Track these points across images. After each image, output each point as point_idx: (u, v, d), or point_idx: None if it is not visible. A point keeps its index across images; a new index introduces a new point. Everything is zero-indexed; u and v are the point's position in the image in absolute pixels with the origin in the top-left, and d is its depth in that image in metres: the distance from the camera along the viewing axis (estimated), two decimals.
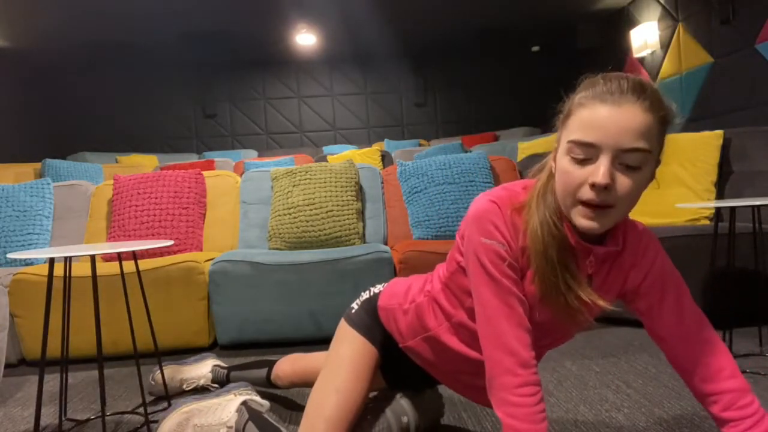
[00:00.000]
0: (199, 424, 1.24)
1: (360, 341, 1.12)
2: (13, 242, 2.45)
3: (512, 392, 0.83)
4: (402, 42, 6.67)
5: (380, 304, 1.14)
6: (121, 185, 2.58)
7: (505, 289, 0.86)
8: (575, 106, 0.83)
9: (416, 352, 1.09)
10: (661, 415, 1.33)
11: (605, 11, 6.01)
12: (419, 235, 2.55)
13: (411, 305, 1.07)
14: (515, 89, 7.34)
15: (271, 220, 2.55)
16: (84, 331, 1.98)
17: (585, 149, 0.79)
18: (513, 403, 0.83)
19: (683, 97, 4.88)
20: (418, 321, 1.06)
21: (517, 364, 0.84)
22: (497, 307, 0.86)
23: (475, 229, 0.88)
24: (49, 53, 6.17)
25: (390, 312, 1.11)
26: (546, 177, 0.89)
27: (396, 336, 1.11)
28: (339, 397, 1.05)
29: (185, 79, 7.13)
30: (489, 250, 0.86)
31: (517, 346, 0.84)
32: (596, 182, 0.77)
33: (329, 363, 1.11)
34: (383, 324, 1.13)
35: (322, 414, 1.04)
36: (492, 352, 0.86)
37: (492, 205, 0.88)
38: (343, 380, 1.07)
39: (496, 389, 0.85)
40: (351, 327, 1.15)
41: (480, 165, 2.71)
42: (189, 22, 5.58)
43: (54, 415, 1.56)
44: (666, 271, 0.92)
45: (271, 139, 7.35)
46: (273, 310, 2.12)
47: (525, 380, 0.83)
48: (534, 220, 0.86)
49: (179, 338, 2.10)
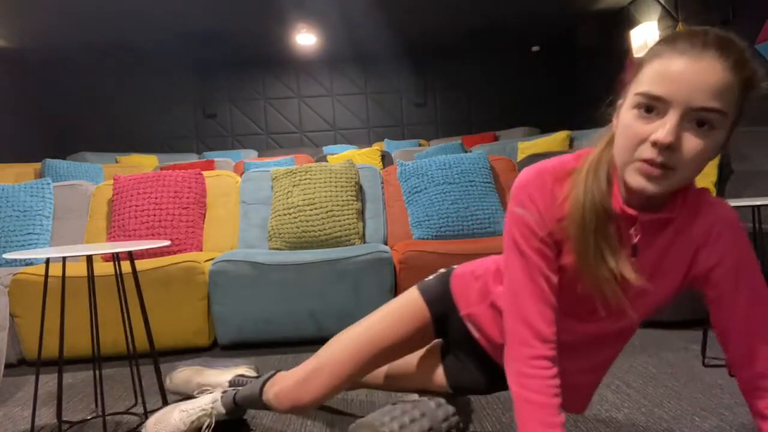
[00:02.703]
0: (185, 408, 1.28)
1: (415, 298, 1.11)
2: (13, 242, 2.44)
3: (526, 363, 0.82)
4: (402, 42, 6.67)
5: (455, 272, 1.12)
6: (121, 185, 2.58)
7: (533, 264, 0.83)
8: (650, 56, 0.75)
9: (477, 320, 1.06)
10: (661, 415, 1.33)
11: (605, 11, 6.01)
12: (419, 235, 2.55)
13: (483, 271, 1.06)
14: (515, 89, 7.34)
15: (271, 220, 2.55)
16: (84, 331, 1.98)
17: (653, 102, 0.72)
18: (526, 374, 0.82)
19: None
20: (485, 286, 1.04)
21: (534, 336, 0.82)
22: (523, 281, 0.84)
23: (510, 199, 0.87)
24: (49, 53, 6.17)
25: (463, 277, 1.09)
26: (604, 142, 0.84)
27: (462, 302, 1.08)
28: (363, 329, 1.09)
29: (185, 79, 7.13)
30: (520, 221, 0.84)
31: (538, 319, 0.83)
32: (659, 139, 0.70)
33: (379, 308, 1.13)
34: (453, 292, 1.10)
35: (340, 336, 1.10)
36: (512, 324, 0.85)
37: (533, 175, 0.85)
38: (377, 318, 1.10)
39: (511, 360, 0.84)
40: (416, 288, 1.14)
41: (480, 165, 2.71)
42: (189, 22, 5.58)
43: (54, 415, 1.56)
44: (744, 264, 0.82)
45: (271, 139, 7.35)
46: (273, 310, 2.12)
47: (541, 353, 0.82)
48: (579, 186, 0.81)
49: (179, 338, 2.10)
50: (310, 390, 1.09)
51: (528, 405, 0.81)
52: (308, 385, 1.09)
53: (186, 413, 1.26)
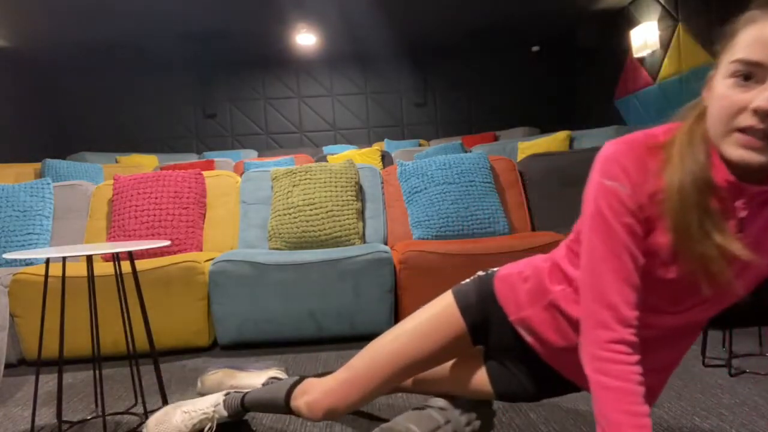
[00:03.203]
0: (187, 410, 1.27)
1: (449, 305, 1.06)
2: (13, 242, 2.44)
3: (605, 347, 0.76)
4: (402, 42, 6.67)
5: (499, 274, 1.05)
6: (121, 185, 2.58)
7: (619, 239, 0.77)
8: (743, 23, 0.72)
9: (530, 324, 0.99)
10: (661, 415, 1.33)
11: (605, 11, 6.01)
12: (419, 235, 2.55)
13: (532, 272, 0.99)
14: (515, 89, 7.34)
15: (271, 220, 2.55)
16: (84, 331, 1.98)
17: (751, 69, 0.69)
18: (604, 359, 0.75)
19: (683, 97, 4.87)
20: (538, 287, 0.97)
21: (615, 319, 0.76)
22: (605, 256, 0.77)
23: (597, 171, 0.80)
24: (49, 53, 6.17)
25: (509, 279, 1.03)
26: (694, 116, 0.80)
27: (511, 307, 1.01)
28: (395, 340, 1.05)
29: (185, 79, 7.13)
30: (609, 192, 0.77)
31: (619, 301, 0.76)
32: (761, 106, 0.67)
33: (412, 315, 1.09)
34: (499, 297, 1.03)
35: (373, 345, 1.07)
36: (590, 303, 0.79)
37: (622, 146, 0.79)
38: (409, 328, 1.06)
39: (588, 344, 0.78)
40: (452, 294, 1.08)
41: (480, 165, 2.71)
42: (189, 22, 5.58)
43: (54, 415, 1.55)
44: None
45: (271, 139, 7.35)
46: (273, 310, 2.12)
47: (621, 337, 0.76)
48: (675, 159, 0.76)
49: (179, 338, 2.10)
50: (343, 400, 1.08)
51: (607, 392, 0.74)
52: (342, 395, 1.07)
53: (188, 415, 1.26)
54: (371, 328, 2.14)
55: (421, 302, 2.09)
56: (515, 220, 2.70)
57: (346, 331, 2.14)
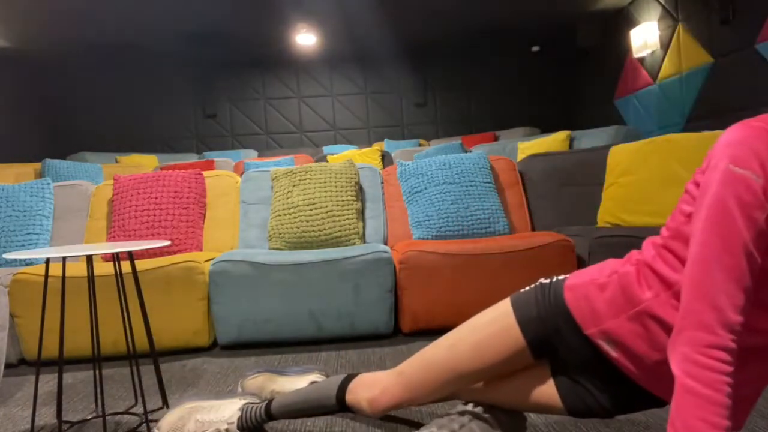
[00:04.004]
0: (201, 420, 1.25)
1: (506, 316, 0.98)
2: (13, 242, 2.45)
3: (701, 351, 0.69)
4: (402, 42, 6.68)
5: (568, 283, 0.96)
6: (121, 185, 2.59)
7: (740, 235, 0.70)
8: None
9: (614, 337, 0.89)
10: (661, 415, 1.33)
11: (605, 11, 6.01)
12: (419, 235, 2.55)
13: (612, 277, 0.90)
14: (515, 89, 7.34)
15: (271, 220, 2.55)
16: (84, 331, 1.98)
17: None
18: (698, 363, 0.69)
19: (683, 97, 4.88)
20: (622, 295, 0.87)
21: (719, 321, 0.69)
22: (718, 250, 0.70)
23: (724, 155, 0.72)
24: (49, 53, 6.17)
25: (582, 289, 0.93)
26: None
27: (586, 319, 0.92)
28: (446, 350, 1.01)
29: (185, 79, 7.13)
30: (738, 180, 0.70)
31: (727, 303, 0.69)
32: None
33: (467, 322, 1.03)
34: (571, 309, 0.94)
35: (425, 353, 1.03)
36: (692, 301, 0.71)
37: (756, 129, 0.71)
38: (462, 336, 1.01)
39: (682, 343, 0.71)
40: (510, 303, 1.00)
41: (480, 165, 2.71)
42: (189, 22, 5.58)
43: (54, 415, 1.55)
44: None
45: (271, 139, 7.35)
46: (273, 310, 2.12)
47: (722, 343, 0.69)
48: None
49: (179, 338, 2.10)
50: (403, 397, 1.06)
51: (692, 398, 0.69)
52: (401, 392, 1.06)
53: (201, 425, 1.24)
54: (371, 328, 2.14)
55: (421, 302, 2.10)
56: (515, 220, 2.70)
57: (346, 331, 2.14)
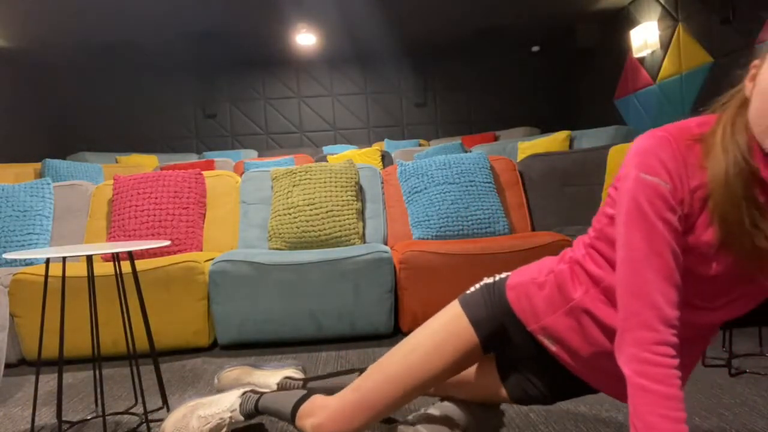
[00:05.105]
0: (203, 415, 1.27)
1: (458, 318, 1.01)
2: (13, 242, 2.45)
3: (647, 348, 0.73)
4: (402, 42, 6.67)
5: (510, 283, 1.01)
6: (121, 185, 2.59)
7: (660, 235, 0.74)
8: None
9: (555, 332, 0.94)
10: None
11: (605, 11, 6.01)
12: (419, 235, 2.55)
13: (548, 276, 0.95)
14: (515, 89, 7.34)
15: (271, 220, 2.55)
16: (84, 331, 1.98)
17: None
18: (646, 361, 0.72)
19: (683, 97, 4.88)
20: (558, 292, 0.93)
21: (658, 318, 0.73)
22: (645, 253, 0.74)
23: (634, 165, 0.76)
24: (49, 53, 6.17)
25: (522, 288, 0.98)
26: (737, 104, 0.78)
27: (527, 316, 0.97)
28: (402, 358, 1.01)
29: (185, 79, 7.13)
30: (648, 187, 0.75)
31: (661, 300, 0.73)
32: None
33: (419, 329, 1.05)
34: (514, 307, 0.99)
35: (381, 364, 1.02)
36: (629, 301, 0.75)
37: (660, 139, 0.76)
38: (418, 343, 1.01)
39: (628, 344, 0.75)
40: (460, 305, 1.04)
41: (480, 165, 2.71)
42: (189, 22, 5.58)
43: (54, 415, 1.55)
44: None
45: (271, 139, 7.35)
46: (273, 310, 2.12)
47: (664, 338, 0.73)
48: (717, 151, 0.74)
49: (179, 338, 2.10)
50: (349, 424, 1.04)
51: (647, 395, 0.72)
52: (349, 418, 1.04)
53: (204, 420, 1.25)
54: (371, 329, 2.14)
55: (421, 302, 2.10)
56: (515, 220, 2.70)
57: (346, 331, 2.14)
